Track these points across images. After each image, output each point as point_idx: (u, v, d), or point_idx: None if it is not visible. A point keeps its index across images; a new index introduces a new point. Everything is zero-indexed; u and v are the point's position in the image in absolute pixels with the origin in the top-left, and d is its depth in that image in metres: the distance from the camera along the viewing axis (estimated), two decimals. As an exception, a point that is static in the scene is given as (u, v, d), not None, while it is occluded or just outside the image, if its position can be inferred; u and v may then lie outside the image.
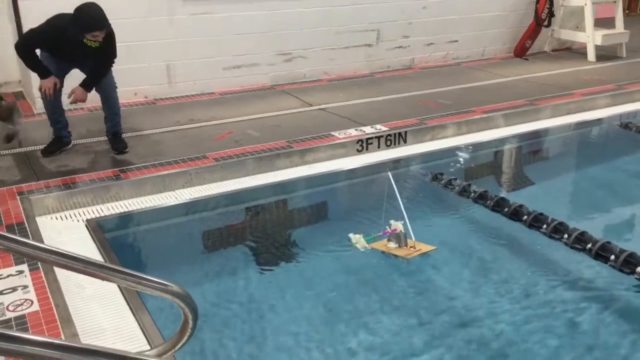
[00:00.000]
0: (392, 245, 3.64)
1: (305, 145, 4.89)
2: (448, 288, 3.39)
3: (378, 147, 5.17)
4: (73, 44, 4.14)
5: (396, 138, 5.25)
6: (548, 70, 7.74)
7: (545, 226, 3.87)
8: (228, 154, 4.64)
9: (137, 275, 1.88)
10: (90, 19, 4.07)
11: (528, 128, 5.87)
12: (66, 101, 4.44)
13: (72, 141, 4.76)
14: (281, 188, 4.57)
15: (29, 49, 4.21)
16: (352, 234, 3.71)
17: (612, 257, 3.49)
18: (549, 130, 5.99)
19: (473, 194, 4.36)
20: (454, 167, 5.12)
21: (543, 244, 3.80)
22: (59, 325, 2.63)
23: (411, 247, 3.61)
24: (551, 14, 8.39)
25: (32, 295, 2.83)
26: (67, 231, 3.73)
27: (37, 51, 4.28)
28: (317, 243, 3.92)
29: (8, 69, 6.18)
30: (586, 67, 7.94)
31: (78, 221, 3.87)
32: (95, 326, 2.76)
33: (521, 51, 8.48)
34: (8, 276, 2.98)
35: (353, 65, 7.34)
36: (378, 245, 3.68)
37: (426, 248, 3.63)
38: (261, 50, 6.64)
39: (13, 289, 2.87)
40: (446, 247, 3.73)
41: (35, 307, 2.74)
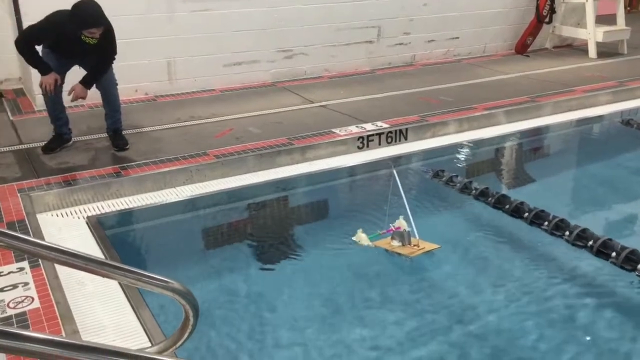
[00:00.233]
0: (396, 243, 3.60)
1: (306, 142, 4.89)
2: (447, 285, 3.39)
3: (379, 144, 5.15)
4: (71, 41, 4.14)
5: (397, 135, 5.24)
6: (549, 67, 7.72)
7: (546, 223, 3.87)
8: (229, 151, 4.64)
9: (138, 272, 1.88)
10: (87, 16, 4.06)
11: (529, 125, 5.86)
12: (67, 98, 4.43)
13: (73, 138, 4.76)
14: (282, 185, 4.56)
15: (29, 45, 4.20)
16: (358, 232, 3.68)
17: (614, 254, 3.48)
18: (550, 127, 5.98)
19: (474, 191, 4.36)
20: (455, 164, 5.11)
21: (544, 242, 3.79)
22: (60, 322, 2.62)
23: (415, 246, 3.57)
24: (552, 11, 8.37)
25: (33, 292, 2.83)
26: (68, 228, 3.73)
27: (38, 48, 4.27)
28: (319, 240, 3.92)
29: (8, 66, 6.17)
30: (587, 64, 7.92)
31: (79, 218, 3.87)
32: (96, 323, 2.76)
33: (522, 48, 8.46)
34: (9, 273, 2.98)
35: (354, 62, 7.33)
36: (381, 243, 3.65)
37: (430, 246, 3.59)
38: (262, 47, 6.63)
39: (14, 286, 2.87)
40: (447, 245, 3.72)
41: (36, 304, 2.74)
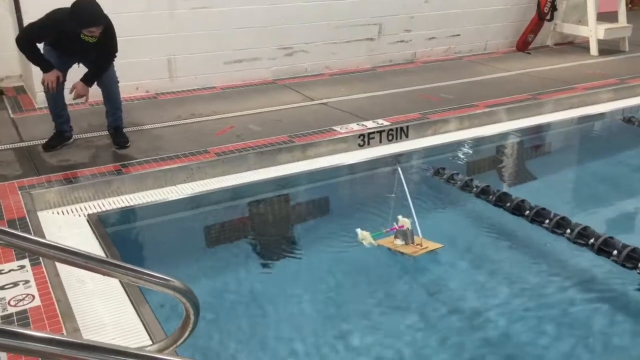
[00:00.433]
0: (399, 242, 3.59)
1: (306, 139, 4.88)
2: (448, 283, 3.38)
3: (380, 142, 5.15)
4: (71, 39, 4.13)
5: (398, 133, 5.23)
6: (550, 64, 7.71)
7: (547, 221, 3.86)
8: (229, 149, 4.63)
9: (138, 270, 1.88)
10: (86, 15, 4.05)
11: (530, 122, 5.85)
12: (69, 96, 4.43)
13: (74, 136, 4.75)
14: (283, 183, 4.56)
15: (30, 43, 4.19)
16: (360, 230, 3.67)
17: (615, 253, 3.48)
18: (551, 124, 5.97)
19: (475, 189, 4.35)
20: (456, 162, 5.10)
21: (545, 239, 3.79)
22: (61, 320, 2.62)
23: (418, 245, 3.57)
24: (554, 8, 8.35)
25: (34, 290, 2.83)
26: (69, 226, 3.73)
27: (40, 46, 4.27)
28: (320, 239, 3.92)
29: (9, 64, 6.17)
30: (589, 61, 7.91)
31: (79, 216, 3.87)
32: (96, 321, 2.76)
33: (523, 45, 8.45)
34: (10, 271, 2.98)
35: (355, 59, 7.32)
36: (384, 242, 3.65)
37: (433, 246, 3.59)
38: (262, 44, 6.62)
39: (15, 284, 2.87)
40: (447, 243, 3.71)
41: (36, 302, 2.74)
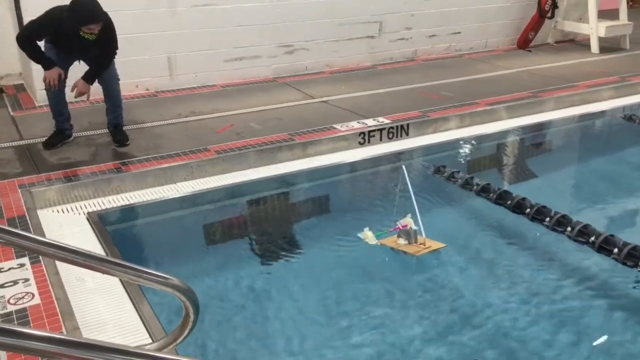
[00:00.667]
0: (402, 241, 3.60)
1: (307, 137, 4.87)
2: (448, 281, 3.38)
3: (380, 140, 5.14)
4: (71, 36, 4.12)
5: (398, 130, 5.22)
6: (551, 62, 7.70)
7: (548, 219, 3.86)
8: (230, 147, 4.62)
9: (138, 268, 1.87)
10: (85, 12, 4.04)
11: (531, 120, 5.84)
12: (70, 94, 4.42)
13: (74, 134, 4.75)
14: (283, 181, 4.55)
15: (30, 41, 4.19)
16: (365, 229, 3.67)
17: (616, 250, 3.48)
18: (552, 122, 5.96)
19: (476, 187, 4.35)
20: (457, 160, 5.09)
21: (546, 237, 3.78)
22: (60, 318, 2.62)
23: (421, 244, 3.58)
24: (554, 6, 8.34)
25: (34, 288, 2.83)
26: (69, 224, 3.73)
27: (41, 43, 4.25)
28: (322, 237, 3.91)
29: (9, 62, 6.16)
30: (589, 59, 7.90)
31: (79, 214, 3.87)
32: (96, 319, 2.76)
33: (524, 43, 8.43)
34: (9, 269, 2.97)
35: (355, 57, 7.31)
36: (387, 241, 3.65)
37: (436, 245, 3.59)
38: (263, 42, 6.60)
39: (14, 282, 2.87)
40: (448, 241, 3.71)
41: (36, 300, 2.73)
